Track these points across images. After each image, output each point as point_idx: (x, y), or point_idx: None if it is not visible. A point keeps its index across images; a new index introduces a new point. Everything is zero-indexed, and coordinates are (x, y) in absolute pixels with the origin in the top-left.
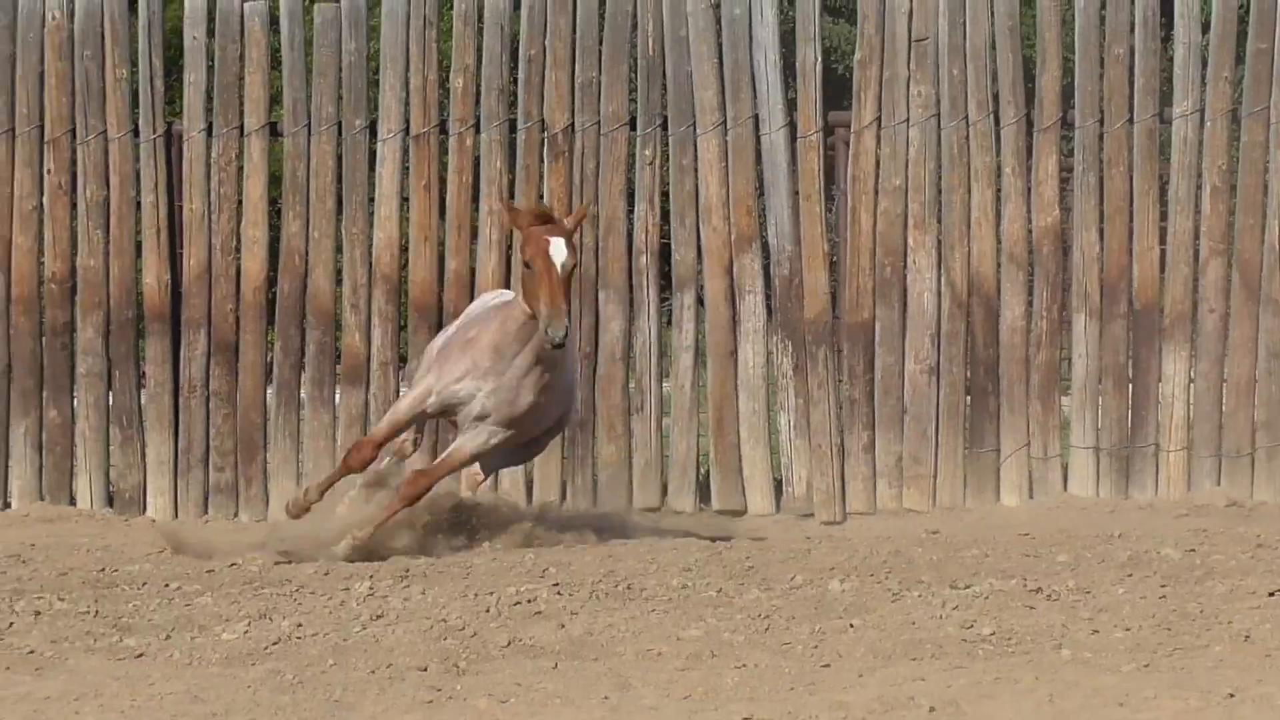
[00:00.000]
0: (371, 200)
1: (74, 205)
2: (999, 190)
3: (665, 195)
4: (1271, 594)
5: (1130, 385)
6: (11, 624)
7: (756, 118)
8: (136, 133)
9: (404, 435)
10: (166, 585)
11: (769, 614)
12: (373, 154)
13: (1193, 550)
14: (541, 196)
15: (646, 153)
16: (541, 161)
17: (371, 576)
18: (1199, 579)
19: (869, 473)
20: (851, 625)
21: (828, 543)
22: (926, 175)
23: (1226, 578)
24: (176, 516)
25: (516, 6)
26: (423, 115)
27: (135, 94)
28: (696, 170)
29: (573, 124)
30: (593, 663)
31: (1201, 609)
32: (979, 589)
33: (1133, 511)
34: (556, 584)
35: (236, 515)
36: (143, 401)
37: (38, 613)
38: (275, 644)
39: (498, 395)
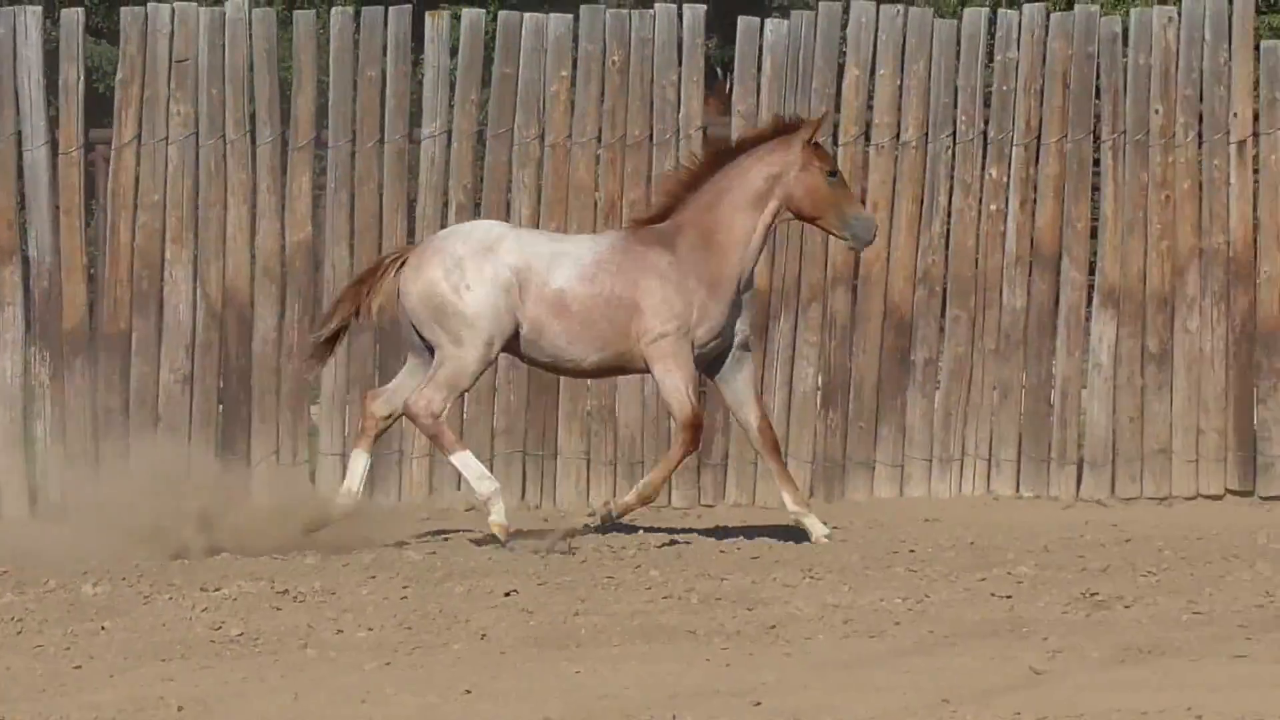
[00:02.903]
0: None
1: None
2: (254, 206)
3: None
4: (507, 594)
5: None
6: None
7: (20, 134)
8: None
9: None
10: None
11: (22, 617)
12: None
13: (434, 553)
14: None
15: None
16: None
17: None
18: (439, 580)
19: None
20: (104, 627)
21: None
22: (184, 191)
23: (465, 578)
24: None
25: None
26: None
27: None
28: None
29: None
30: None
31: (441, 608)
32: (228, 591)
33: (377, 515)
34: None
35: None
36: None
37: None
38: None
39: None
